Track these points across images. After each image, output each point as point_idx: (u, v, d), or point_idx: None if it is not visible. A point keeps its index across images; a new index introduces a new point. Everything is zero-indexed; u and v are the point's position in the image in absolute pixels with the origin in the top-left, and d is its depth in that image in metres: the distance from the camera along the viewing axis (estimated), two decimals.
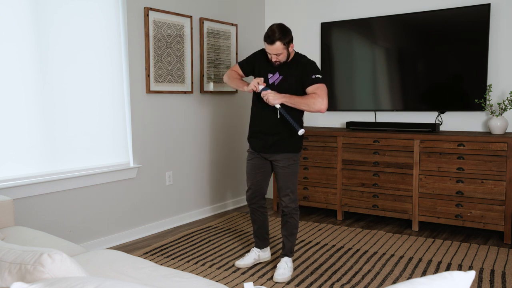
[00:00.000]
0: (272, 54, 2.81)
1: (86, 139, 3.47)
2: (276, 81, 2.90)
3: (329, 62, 4.70)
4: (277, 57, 2.82)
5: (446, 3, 4.11)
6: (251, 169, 3.06)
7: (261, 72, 2.96)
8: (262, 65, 2.98)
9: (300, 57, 2.93)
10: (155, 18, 3.86)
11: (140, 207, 3.87)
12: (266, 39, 2.78)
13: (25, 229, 2.45)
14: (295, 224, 2.99)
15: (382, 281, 2.88)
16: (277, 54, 2.79)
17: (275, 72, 2.91)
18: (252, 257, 3.15)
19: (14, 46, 3.02)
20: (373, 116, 4.55)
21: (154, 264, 1.87)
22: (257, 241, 3.20)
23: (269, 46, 2.78)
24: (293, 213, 2.97)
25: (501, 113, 3.75)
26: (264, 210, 3.16)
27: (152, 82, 3.87)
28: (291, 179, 2.95)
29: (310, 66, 2.86)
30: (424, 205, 3.88)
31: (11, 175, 3.04)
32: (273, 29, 2.76)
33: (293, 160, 2.94)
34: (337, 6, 4.72)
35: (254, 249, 3.19)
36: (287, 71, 2.89)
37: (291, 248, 3.02)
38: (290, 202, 2.95)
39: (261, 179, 3.06)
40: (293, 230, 3.00)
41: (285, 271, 2.92)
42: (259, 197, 3.11)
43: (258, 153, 3.03)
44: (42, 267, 1.15)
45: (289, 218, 2.98)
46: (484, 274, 2.97)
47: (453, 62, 4.07)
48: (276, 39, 2.74)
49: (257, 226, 3.18)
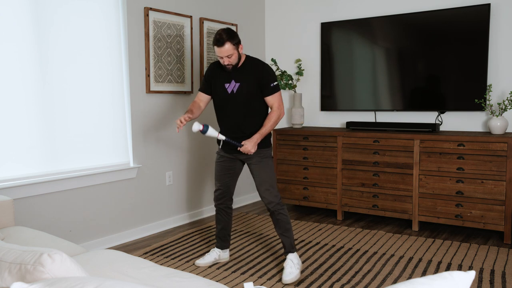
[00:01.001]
0: (223, 57, 2.84)
1: (86, 139, 3.47)
2: (234, 89, 2.94)
3: (329, 62, 4.70)
4: (229, 60, 2.85)
5: (446, 3, 4.11)
6: (220, 170, 3.12)
7: (217, 85, 3.00)
8: (216, 78, 3.03)
9: (252, 60, 2.98)
10: (155, 18, 3.86)
11: (140, 207, 3.87)
12: (215, 43, 2.83)
13: (25, 229, 2.45)
14: (286, 220, 2.99)
15: (382, 281, 2.88)
16: (228, 55, 2.84)
17: (231, 80, 2.95)
18: (213, 257, 3.19)
19: (14, 46, 3.02)
20: (373, 116, 4.56)
21: (154, 264, 1.87)
22: (219, 242, 3.23)
23: (220, 49, 2.82)
24: (279, 208, 2.98)
25: (501, 113, 3.75)
26: (230, 210, 3.21)
27: (152, 82, 3.87)
28: (267, 173, 2.97)
29: (266, 72, 2.92)
30: (424, 205, 3.88)
31: (11, 175, 3.04)
32: (220, 33, 2.83)
33: (264, 155, 2.99)
34: (337, 6, 4.72)
35: (215, 249, 3.23)
36: (242, 76, 2.94)
37: (291, 243, 3.01)
38: (272, 197, 2.96)
39: (229, 180, 3.12)
40: (286, 226, 3.00)
41: (292, 269, 2.91)
42: (227, 197, 3.17)
43: (228, 155, 3.07)
44: (42, 267, 1.15)
45: (278, 215, 2.98)
46: (484, 274, 2.97)
47: (453, 62, 4.07)
48: (225, 41, 2.80)
49: (221, 227, 3.22)
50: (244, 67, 2.95)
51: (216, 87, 3.01)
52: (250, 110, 2.96)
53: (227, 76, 2.96)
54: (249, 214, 4.51)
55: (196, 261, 3.19)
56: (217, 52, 2.85)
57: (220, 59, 2.88)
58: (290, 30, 5.05)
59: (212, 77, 3.05)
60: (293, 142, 4.51)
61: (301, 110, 4.68)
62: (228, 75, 2.96)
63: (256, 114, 2.98)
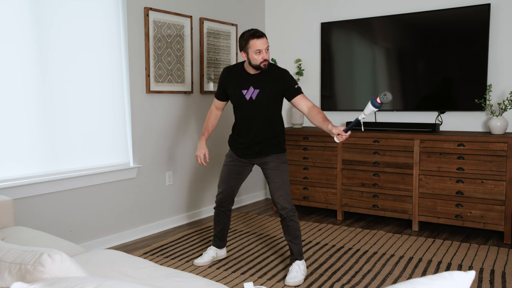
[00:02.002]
0: (263, 50, 2.78)
1: (86, 139, 3.47)
2: (254, 95, 2.88)
3: (329, 62, 4.70)
4: (266, 54, 2.80)
5: (446, 3, 4.11)
6: (228, 173, 3.07)
7: (235, 91, 2.93)
8: (232, 84, 2.95)
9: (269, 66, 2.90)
10: (155, 18, 3.86)
11: (140, 207, 3.87)
12: (254, 35, 2.77)
13: (25, 229, 2.45)
14: (296, 227, 2.96)
15: (382, 281, 2.88)
16: (267, 48, 2.80)
17: (249, 86, 2.89)
18: (211, 255, 3.20)
19: (14, 46, 3.02)
20: (373, 116, 4.56)
21: (154, 264, 1.87)
22: (217, 241, 3.24)
23: (260, 41, 2.76)
24: (291, 215, 2.94)
25: (501, 113, 3.75)
26: (229, 213, 3.21)
27: (152, 82, 3.87)
28: (283, 179, 2.94)
29: (287, 76, 2.90)
30: (424, 205, 3.88)
31: (11, 175, 3.04)
32: (253, 29, 2.82)
33: (281, 160, 2.96)
34: (337, 6, 4.72)
35: (212, 247, 3.24)
36: (261, 83, 2.87)
37: (299, 251, 2.97)
38: (286, 203, 2.93)
39: (235, 184, 3.10)
40: (296, 233, 2.96)
41: (298, 274, 2.88)
42: (229, 201, 3.15)
43: (241, 158, 3.04)
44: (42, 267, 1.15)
45: (289, 222, 2.94)
46: (484, 274, 2.97)
47: (453, 62, 4.07)
48: (263, 34, 2.80)
49: (220, 228, 3.22)
50: (262, 73, 2.88)
51: (233, 93, 2.95)
52: (269, 116, 2.93)
53: (244, 82, 2.90)
54: (249, 214, 4.51)
55: (195, 260, 3.19)
56: (256, 46, 2.75)
57: (258, 55, 2.78)
58: (290, 30, 5.05)
59: (227, 83, 2.99)
60: (293, 142, 4.51)
61: None
62: (245, 81, 2.89)
63: (274, 120, 2.95)
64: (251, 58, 2.80)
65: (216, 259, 3.25)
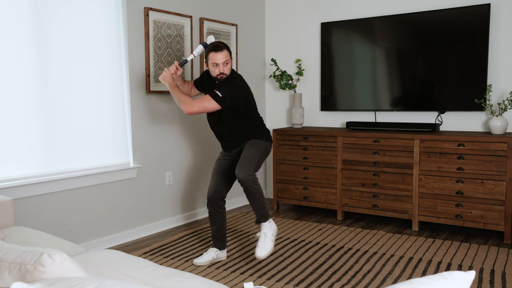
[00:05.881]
0: (220, 63, 2.89)
1: (86, 139, 3.47)
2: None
3: (329, 62, 4.70)
4: (223, 67, 2.91)
5: (446, 3, 4.11)
6: (216, 167, 3.22)
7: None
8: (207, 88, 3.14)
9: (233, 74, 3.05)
10: (155, 18, 3.86)
11: (140, 207, 3.87)
12: (213, 49, 2.90)
13: (25, 229, 2.45)
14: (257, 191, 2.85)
15: (382, 281, 2.88)
16: (225, 61, 2.91)
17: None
18: (211, 256, 3.20)
19: (14, 47, 3.02)
20: (373, 116, 4.56)
21: (154, 264, 1.87)
22: (216, 243, 3.24)
23: (217, 54, 2.89)
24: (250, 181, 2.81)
25: (501, 113, 3.75)
26: (222, 210, 3.22)
27: (152, 82, 3.87)
28: (250, 152, 2.95)
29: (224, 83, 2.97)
30: (424, 205, 3.88)
31: (11, 175, 3.04)
32: (216, 42, 2.95)
33: (256, 142, 3.03)
34: (337, 6, 4.72)
35: (213, 248, 3.24)
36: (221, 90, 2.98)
37: (262, 212, 2.89)
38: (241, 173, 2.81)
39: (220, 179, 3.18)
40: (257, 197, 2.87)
41: (264, 243, 2.89)
42: (218, 197, 3.20)
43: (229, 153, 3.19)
44: (42, 267, 1.15)
45: (249, 187, 2.84)
46: (484, 274, 2.97)
47: (453, 62, 4.07)
48: (223, 47, 2.91)
49: (216, 227, 3.23)
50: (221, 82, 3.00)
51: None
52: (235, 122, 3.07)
53: (210, 89, 3.06)
54: (249, 214, 4.51)
55: (194, 260, 3.19)
56: (213, 59, 2.91)
57: (215, 68, 2.93)
58: (290, 30, 5.05)
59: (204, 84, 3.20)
60: (293, 142, 4.51)
61: (301, 110, 4.68)
62: (210, 88, 3.05)
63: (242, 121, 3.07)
64: (210, 70, 3.00)
65: (216, 260, 3.24)
